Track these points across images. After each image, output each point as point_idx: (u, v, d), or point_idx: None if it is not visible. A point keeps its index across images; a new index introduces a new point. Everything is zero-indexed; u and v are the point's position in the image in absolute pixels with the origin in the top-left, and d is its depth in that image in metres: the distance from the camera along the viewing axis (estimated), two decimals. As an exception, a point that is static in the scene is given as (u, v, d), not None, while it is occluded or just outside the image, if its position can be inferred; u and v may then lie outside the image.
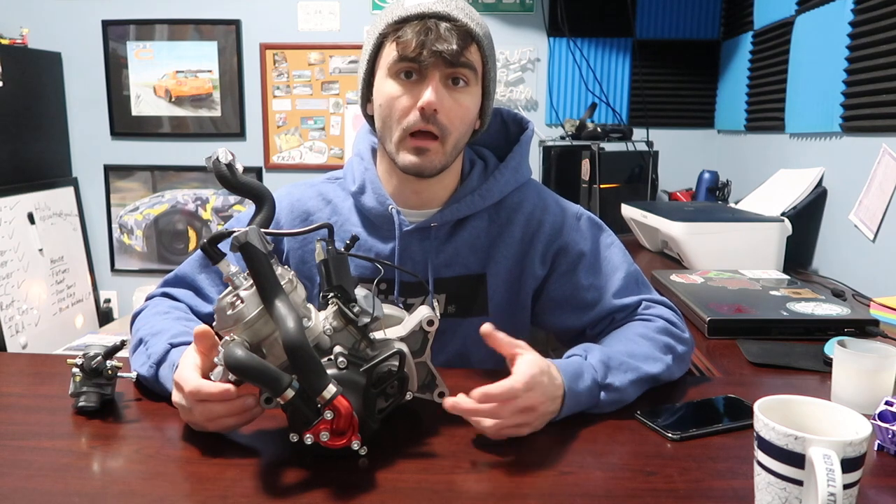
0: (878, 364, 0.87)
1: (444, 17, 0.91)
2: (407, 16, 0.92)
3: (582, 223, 1.07)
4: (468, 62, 0.93)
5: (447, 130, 0.94)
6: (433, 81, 0.91)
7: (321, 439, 0.69)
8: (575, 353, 0.90)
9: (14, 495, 0.67)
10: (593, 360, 0.87)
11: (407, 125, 0.93)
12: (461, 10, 0.93)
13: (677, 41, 2.90)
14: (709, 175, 2.65)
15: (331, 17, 2.94)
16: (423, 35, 0.90)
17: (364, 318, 0.75)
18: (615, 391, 0.86)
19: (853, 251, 1.78)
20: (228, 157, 0.77)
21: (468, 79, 0.94)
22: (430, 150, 0.94)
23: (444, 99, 0.92)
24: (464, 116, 0.95)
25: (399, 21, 0.92)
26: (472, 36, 0.93)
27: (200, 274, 1.04)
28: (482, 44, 0.95)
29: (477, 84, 0.96)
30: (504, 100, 2.96)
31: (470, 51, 0.93)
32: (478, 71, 0.95)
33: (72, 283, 2.98)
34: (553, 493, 0.69)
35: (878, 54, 1.68)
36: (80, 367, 0.85)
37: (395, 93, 0.93)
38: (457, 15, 0.92)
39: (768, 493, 0.61)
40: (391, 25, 0.93)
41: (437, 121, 0.92)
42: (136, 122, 3.05)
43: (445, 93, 0.93)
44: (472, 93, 0.95)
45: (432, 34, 0.90)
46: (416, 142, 0.94)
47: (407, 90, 0.93)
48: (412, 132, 0.93)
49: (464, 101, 0.94)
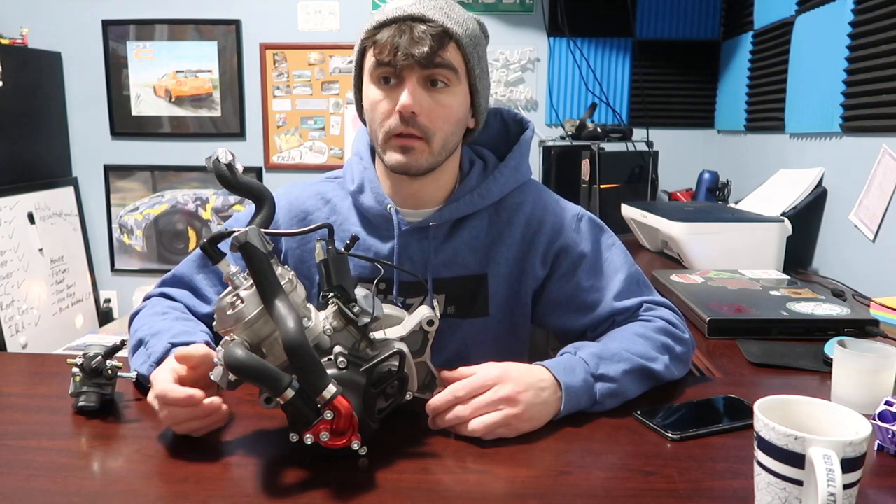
0: (878, 364, 0.87)
1: (419, 19, 0.91)
2: (385, 20, 0.92)
3: (583, 224, 1.07)
4: (444, 62, 0.92)
5: (430, 131, 0.94)
6: (409, 84, 0.91)
7: (321, 439, 0.69)
8: (566, 351, 0.91)
9: (14, 495, 0.67)
10: (584, 354, 0.88)
11: (388, 129, 0.94)
12: (439, 9, 0.93)
13: (677, 41, 2.90)
14: (709, 175, 2.65)
15: (331, 17, 2.94)
16: (397, 38, 0.90)
17: (364, 318, 0.75)
18: (610, 381, 0.86)
19: (853, 251, 1.78)
20: (228, 157, 0.77)
21: (448, 79, 0.93)
22: (415, 149, 0.94)
23: (424, 101, 0.92)
24: (447, 116, 0.95)
25: (377, 26, 0.93)
26: (449, 35, 0.92)
27: (198, 274, 1.04)
28: (462, 42, 0.93)
29: (460, 83, 0.95)
30: (504, 100, 2.97)
31: (447, 51, 0.92)
32: (458, 70, 0.94)
33: (72, 283, 2.98)
34: (553, 493, 0.69)
35: (878, 54, 1.68)
36: (80, 367, 0.85)
37: (377, 97, 0.94)
38: (432, 15, 0.91)
39: (768, 493, 0.61)
40: (370, 31, 0.94)
41: (418, 123, 0.93)
42: (136, 121, 3.05)
43: (425, 95, 0.92)
44: (454, 92, 0.95)
45: (405, 37, 0.90)
46: (399, 140, 0.94)
47: (387, 94, 0.94)
48: (395, 135, 0.94)
49: (445, 101, 0.94)
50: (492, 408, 0.79)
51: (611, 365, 0.87)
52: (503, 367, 0.83)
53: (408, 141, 0.94)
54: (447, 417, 0.80)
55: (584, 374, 0.85)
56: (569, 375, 0.84)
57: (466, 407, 0.79)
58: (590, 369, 0.86)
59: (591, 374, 0.86)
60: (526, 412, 0.80)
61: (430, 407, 0.81)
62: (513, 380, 0.81)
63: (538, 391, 0.81)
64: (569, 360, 0.87)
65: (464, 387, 0.80)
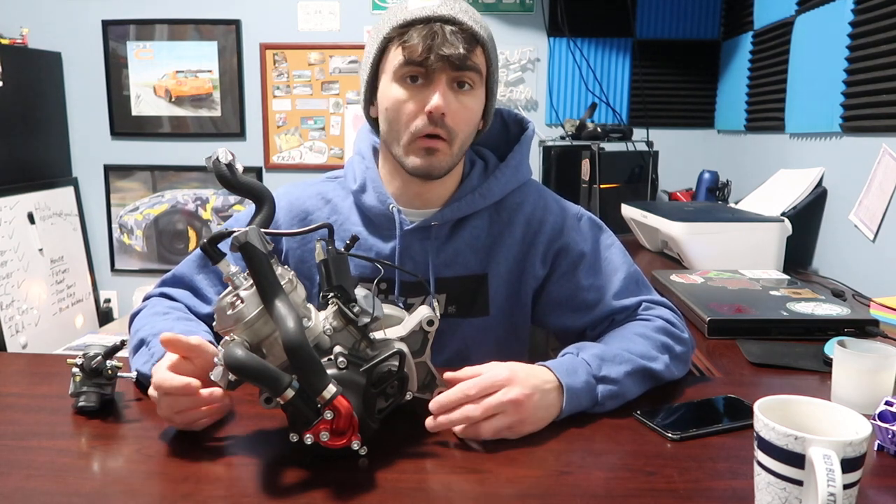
0: (878, 364, 0.87)
1: (450, 21, 0.91)
2: (412, 19, 0.91)
3: (582, 224, 1.07)
4: (474, 65, 0.93)
5: (454, 133, 0.94)
6: (440, 86, 0.91)
7: (321, 439, 0.69)
8: (568, 352, 0.91)
9: (14, 495, 0.67)
10: (586, 356, 0.88)
11: (415, 129, 0.93)
12: (465, 12, 0.93)
13: (677, 41, 2.90)
14: (709, 175, 2.65)
15: (331, 17, 2.94)
16: (429, 39, 0.89)
17: (364, 318, 0.75)
18: (612, 382, 0.86)
19: (853, 251, 1.78)
20: (228, 157, 0.77)
21: (474, 82, 0.94)
22: (439, 151, 0.94)
23: (452, 103, 0.93)
24: (469, 119, 0.96)
25: (404, 24, 0.92)
26: (477, 39, 0.93)
27: (198, 274, 1.04)
28: (486, 46, 0.95)
29: (482, 86, 0.97)
30: (504, 100, 2.96)
31: (475, 54, 0.93)
32: (482, 73, 0.95)
33: (72, 283, 2.98)
34: (553, 493, 0.69)
35: (878, 54, 1.68)
36: (80, 367, 0.85)
37: (402, 97, 0.93)
38: (462, 18, 0.92)
39: (768, 493, 0.61)
40: (396, 29, 0.92)
41: (445, 124, 0.93)
42: (136, 121, 3.05)
43: (452, 96, 0.93)
44: (476, 95, 0.96)
45: (438, 38, 0.90)
46: (426, 142, 0.94)
47: (413, 94, 0.93)
48: (422, 135, 0.93)
49: (469, 103, 0.95)
50: (499, 409, 0.78)
51: (613, 367, 0.87)
52: (510, 368, 0.81)
53: (434, 143, 0.94)
54: (454, 416, 0.78)
55: (587, 376, 0.85)
56: (571, 377, 0.84)
57: (477, 407, 0.78)
58: (592, 371, 0.86)
59: (593, 375, 0.85)
60: (532, 415, 0.80)
61: (436, 404, 0.79)
62: (520, 382, 0.80)
63: (544, 393, 0.81)
64: (571, 361, 0.87)
65: (475, 385, 0.79)
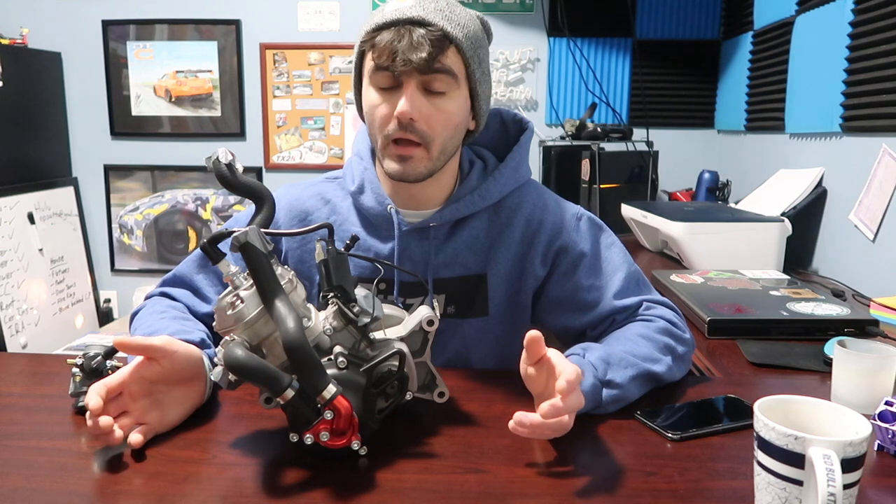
0: (878, 364, 0.87)
1: (419, 23, 0.89)
2: (383, 23, 0.91)
3: (582, 223, 1.07)
4: (444, 67, 0.91)
5: (429, 137, 0.93)
6: (408, 90, 0.90)
7: (321, 439, 0.69)
8: (574, 353, 0.90)
9: (14, 495, 0.67)
10: (592, 358, 0.87)
11: (387, 133, 0.93)
12: (439, 12, 0.91)
13: (677, 41, 2.90)
14: (709, 175, 2.65)
15: (331, 17, 2.95)
16: (395, 43, 0.88)
17: (364, 318, 0.75)
18: (617, 387, 0.86)
19: (853, 251, 1.78)
20: (228, 157, 0.77)
21: (447, 84, 0.92)
22: (414, 158, 0.94)
23: (423, 107, 0.91)
24: (446, 122, 0.94)
25: (375, 29, 0.91)
26: (448, 39, 0.90)
27: (198, 274, 1.04)
28: (462, 46, 0.92)
29: (460, 87, 0.94)
30: (504, 100, 2.97)
31: (446, 55, 0.90)
32: (458, 75, 0.93)
33: (72, 283, 2.98)
34: (553, 493, 0.69)
35: (878, 54, 1.68)
36: (80, 367, 0.85)
37: (375, 101, 0.93)
38: (432, 18, 0.90)
39: (768, 493, 0.61)
40: (369, 33, 0.92)
41: (416, 129, 0.92)
42: (136, 122, 3.05)
43: (424, 100, 0.92)
44: (453, 97, 0.94)
45: (404, 42, 0.88)
46: (398, 149, 0.93)
47: (385, 98, 0.93)
48: (394, 139, 0.93)
49: (445, 106, 0.93)
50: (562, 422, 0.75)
51: (618, 371, 0.87)
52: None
53: (405, 149, 0.93)
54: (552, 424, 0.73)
55: (593, 379, 0.84)
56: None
57: (571, 419, 0.75)
58: (598, 374, 0.85)
59: (599, 379, 0.85)
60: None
61: (544, 413, 0.70)
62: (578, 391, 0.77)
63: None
64: (578, 362, 0.86)
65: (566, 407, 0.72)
